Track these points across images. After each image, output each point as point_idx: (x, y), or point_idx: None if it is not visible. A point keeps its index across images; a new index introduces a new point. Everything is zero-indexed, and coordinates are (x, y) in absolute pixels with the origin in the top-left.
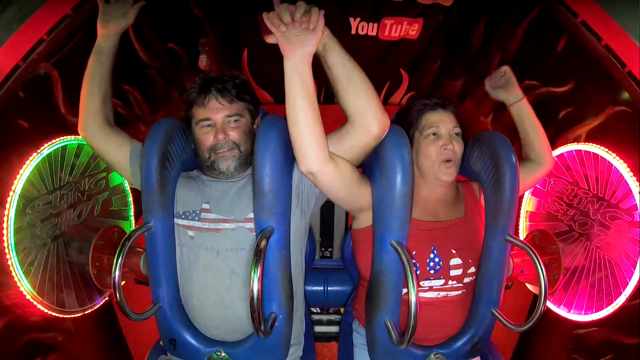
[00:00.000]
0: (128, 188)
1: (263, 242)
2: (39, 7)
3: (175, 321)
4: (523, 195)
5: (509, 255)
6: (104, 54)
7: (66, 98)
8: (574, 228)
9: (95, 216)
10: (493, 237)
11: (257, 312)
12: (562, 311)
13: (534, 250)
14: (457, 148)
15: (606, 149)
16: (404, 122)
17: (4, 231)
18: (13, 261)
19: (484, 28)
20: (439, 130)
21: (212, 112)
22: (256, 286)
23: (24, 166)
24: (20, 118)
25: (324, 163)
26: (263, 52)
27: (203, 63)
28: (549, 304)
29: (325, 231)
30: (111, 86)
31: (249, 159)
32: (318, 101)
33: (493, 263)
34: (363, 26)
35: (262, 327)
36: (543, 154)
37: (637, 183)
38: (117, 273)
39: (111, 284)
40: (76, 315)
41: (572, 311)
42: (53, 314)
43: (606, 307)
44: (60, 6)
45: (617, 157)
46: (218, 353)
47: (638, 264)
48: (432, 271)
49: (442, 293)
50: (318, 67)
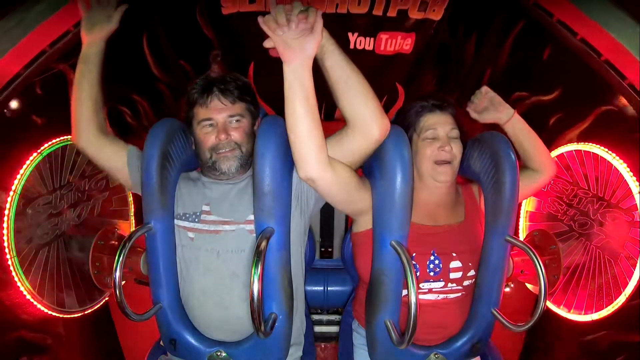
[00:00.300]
0: None
1: (263, 243)
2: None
3: (175, 321)
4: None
5: (509, 255)
6: (91, 62)
7: None
8: (574, 228)
9: (95, 216)
10: (493, 237)
11: (257, 313)
12: (562, 311)
13: (534, 250)
14: (455, 150)
15: (606, 149)
16: (403, 124)
17: (4, 231)
18: (13, 261)
19: (475, 42)
20: (437, 132)
21: (214, 112)
22: (256, 286)
23: (24, 166)
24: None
25: (323, 169)
26: (268, 66)
27: (215, 73)
28: (549, 304)
29: (325, 231)
30: (101, 93)
31: (250, 160)
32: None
33: (493, 263)
34: (361, 41)
35: (262, 328)
36: (544, 163)
37: (637, 183)
38: (118, 274)
39: (111, 284)
40: (76, 315)
41: (572, 311)
42: (53, 314)
43: (606, 307)
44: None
45: (617, 157)
46: (218, 353)
47: (638, 264)
48: (432, 273)
49: (442, 295)
50: (319, 81)
